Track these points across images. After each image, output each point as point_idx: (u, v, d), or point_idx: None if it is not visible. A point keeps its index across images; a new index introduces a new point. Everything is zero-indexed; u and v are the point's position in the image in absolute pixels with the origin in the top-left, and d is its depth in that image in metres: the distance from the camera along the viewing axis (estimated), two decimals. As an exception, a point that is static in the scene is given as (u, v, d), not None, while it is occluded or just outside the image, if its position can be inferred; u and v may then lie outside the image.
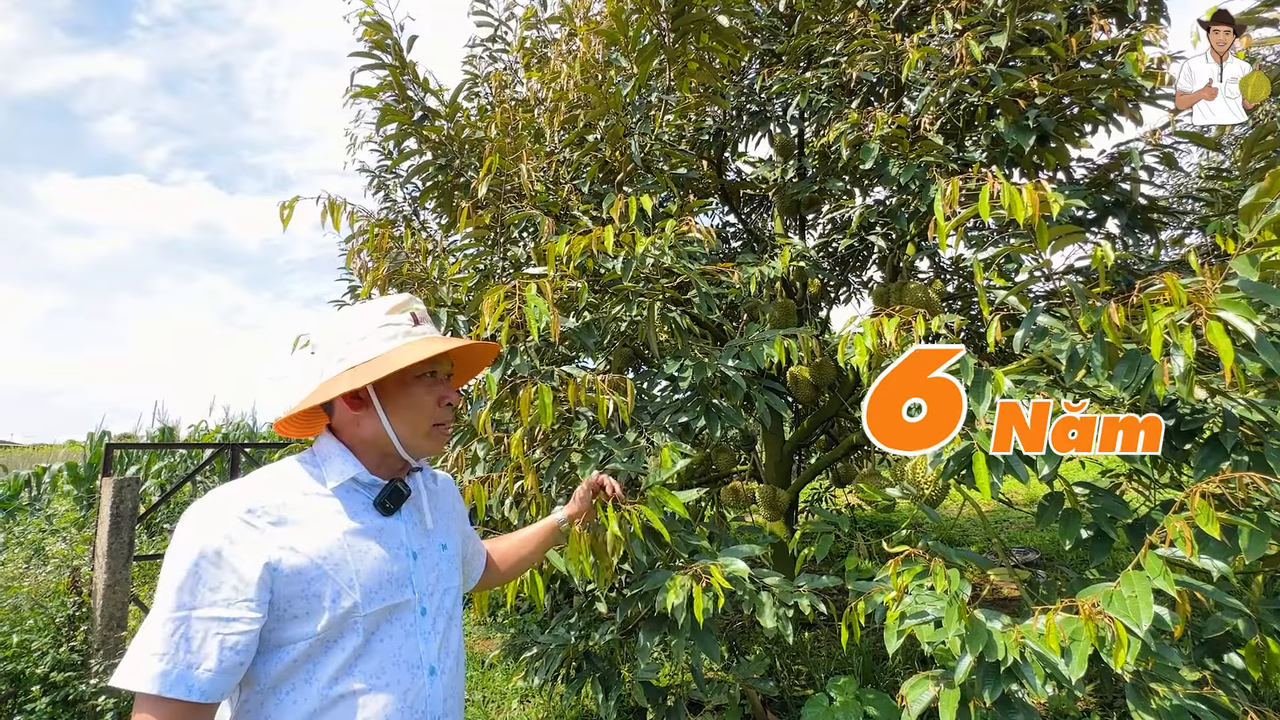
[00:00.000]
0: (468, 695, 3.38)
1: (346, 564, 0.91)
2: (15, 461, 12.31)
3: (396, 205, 3.85)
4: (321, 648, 0.89)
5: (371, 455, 1.02)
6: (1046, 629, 1.37)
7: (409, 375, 1.01)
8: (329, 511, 0.95)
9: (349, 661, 0.90)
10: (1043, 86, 1.99)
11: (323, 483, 0.97)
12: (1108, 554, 1.68)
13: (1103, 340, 1.46)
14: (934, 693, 1.53)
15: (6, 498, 7.40)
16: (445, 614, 1.05)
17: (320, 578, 0.88)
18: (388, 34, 2.24)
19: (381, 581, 0.94)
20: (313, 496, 0.95)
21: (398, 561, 0.98)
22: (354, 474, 0.99)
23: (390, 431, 1.00)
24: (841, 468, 4.88)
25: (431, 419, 1.03)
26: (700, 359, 2.01)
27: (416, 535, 1.05)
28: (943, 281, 3.98)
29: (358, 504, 0.99)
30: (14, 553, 4.54)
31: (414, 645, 0.97)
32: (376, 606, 0.93)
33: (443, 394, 1.05)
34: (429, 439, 1.04)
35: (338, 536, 0.93)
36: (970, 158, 2.18)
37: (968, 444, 1.61)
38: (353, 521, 0.96)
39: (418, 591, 1.00)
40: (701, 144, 3.31)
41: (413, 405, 1.01)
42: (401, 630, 0.97)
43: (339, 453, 1.00)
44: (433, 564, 1.05)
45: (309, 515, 0.93)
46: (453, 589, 1.09)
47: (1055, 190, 1.31)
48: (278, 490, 0.93)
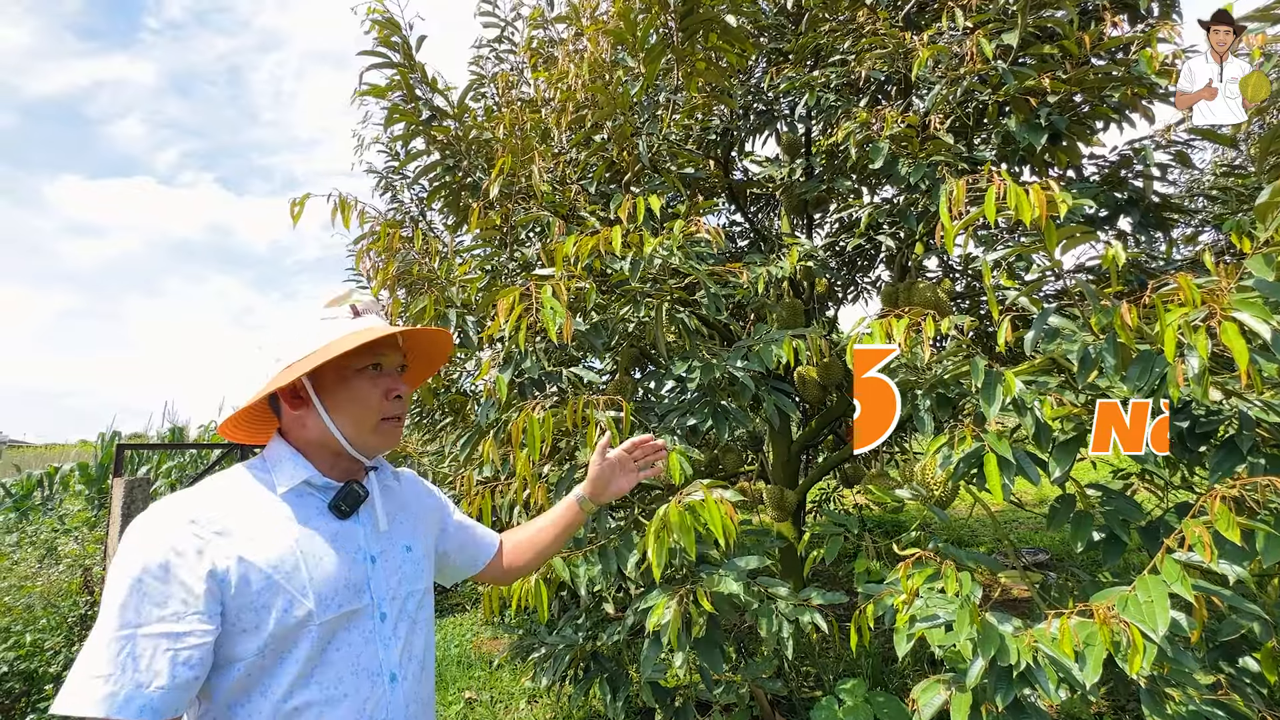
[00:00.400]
0: (475, 695, 3.38)
1: (299, 571, 0.88)
2: (28, 461, 12.43)
3: (404, 206, 3.86)
4: (275, 660, 0.86)
5: (323, 457, 0.98)
6: (1060, 633, 1.36)
7: (349, 369, 0.97)
8: (280, 518, 0.91)
9: (304, 672, 0.87)
10: (1054, 84, 1.97)
11: (273, 488, 0.94)
12: (1120, 557, 1.66)
13: (1115, 341, 1.45)
14: (945, 696, 1.52)
15: (20, 497, 7.47)
16: (408, 618, 1.01)
17: (270, 588, 0.85)
18: (396, 32, 2.25)
19: (338, 588, 0.91)
20: (263, 503, 0.92)
21: (355, 566, 0.95)
22: (305, 477, 0.95)
23: (334, 429, 0.96)
24: (849, 467, 4.86)
25: (378, 413, 0.98)
26: (708, 360, 2.00)
27: (375, 538, 1.00)
28: (951, 281, 3.96)
29: (311, 508, 0.95)
30: (27, 552, 4.59)
31: (373, 652, 0.94)
32: (332, 614, 0.90)
33: (389, 386, 0.99)
34: (377, 434, 0.99)
35: (289, 543, 0.89)
36: (980, 156, 2.16)
37: (978, 445, 1.60)
38: (306, 527, 0.92)
39: (376, 597, 0.96)
40: (708, 144, 3.30)
41: (355, 400, 0.97)
42: (360, 637, 0.93)
43: (289, 456, 0.97)
44: (394, 567, 1.01)
45: (259, 523, 0.89)
46: (417, 592, 1.04)
47: (1064, 190, 1.29)
48: (225, 498, 0.90)
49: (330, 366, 0.96)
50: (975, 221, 1.39)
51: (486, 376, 1.88)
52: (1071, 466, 1.56)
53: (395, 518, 1.06)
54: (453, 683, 3.53)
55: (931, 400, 1.79)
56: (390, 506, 1.07)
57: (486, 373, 1.88)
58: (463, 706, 3.27)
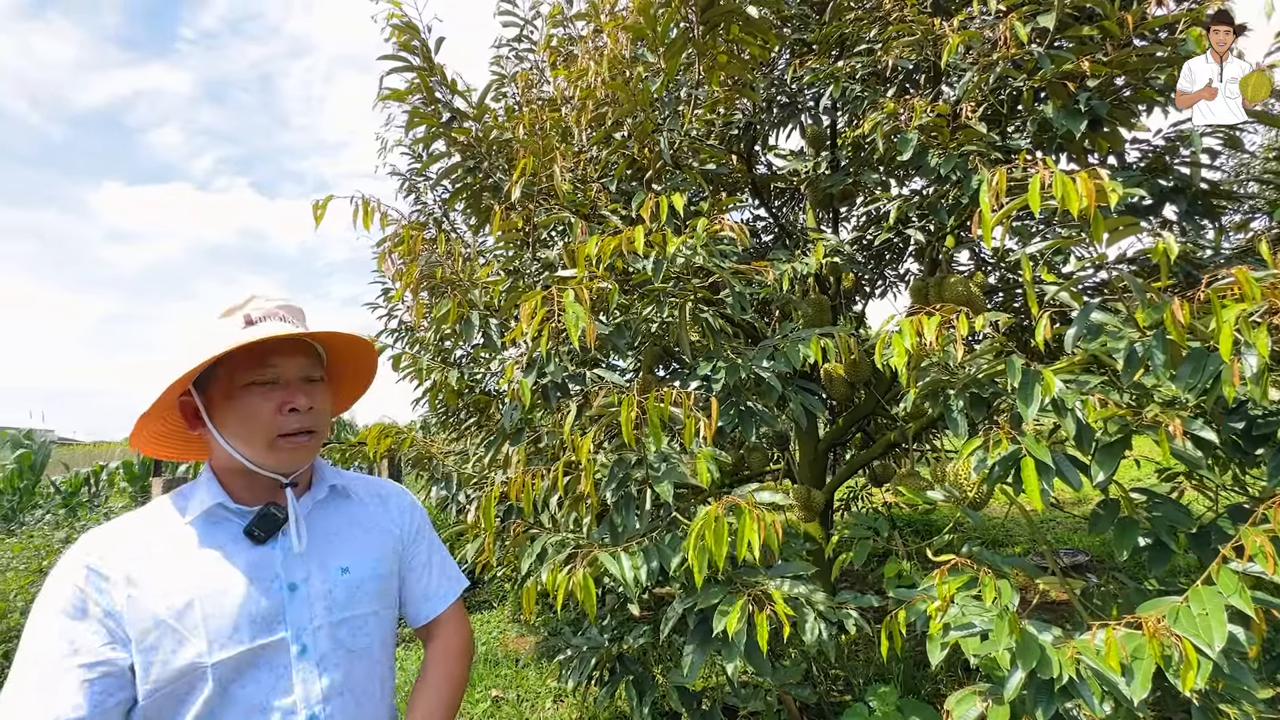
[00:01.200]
0: (502, 693, 3.40)
1: (191, 610, 0.84)
2: (77, 458, 12.94)
3: (427, 208, 3.89)
4: (171, 703, 0.83)
5: (236, 479, 0.94)
6: (1106, 646, 1.29)
7: (234, 386, 0.89)
8: (184, 550, 0.88)
9: (203, 715, 0.83)
10: (1094, 67, 1.88)
11: (188, 514, 0.90)
12: (1167, 564, 1.58)
13: (1164, 338, 1.37)
14: (981, 709, 1.47)
15: (68, 494, 7.77)
16: (340, 648, 0.94)
17: (157, 629, 0.82)
18: (415, 35, 2.25)
19: (239, 624, 0.86)
20: (168, 537, 0.89)
21: (268, 596, 0.89)
22: (217, 501, 0.91)
23: (229, 449, 0.90)
24: (878, 466, 4.76)
25: (273, 429, 0.90)
26: (733, 360, 1.97)
27: (295, 563, 0.93)
28: (984, 274, 3.84)
29: (224, 535, 0.90)
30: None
31: (286, 689, 0.88)
32: (231, 651, 0.85)
33: (284, 399, 0.91)
34: (274, 453, 0.90)
35: (185, 580, 0.85)
36: (1015, 145, 2.08)
37: (1015, 448, 1.53)
38: (211, 559, 0.88)
39: (294, 628, 0.90)
40: (730, 138, 3.25)
41: (245, 417, 0.89)
42: (271, 675, 0.87)
43: (205, 481, 0.93)
44: (322, 592, 0.94)
45: (161, 558, 0.86)
46: (355, 618, 0.96)
47: (1112, 178, 1.22)
48: (130, 536, 0.88)
49: (217, 382, 0.91)
50: (1014, 212, 1.32)
51: (511, 380, 1.87)
52: (1115, 470, 1.49)
53: (333, 535, 1.00)
54: (479, 681, 3.56)
55: (964, 400, 1.73)
56: (328, 523, 1.00)
57: (510, 376, 1.87)
58: (489, 705, 3.29)
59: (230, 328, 0.91)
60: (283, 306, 0.97)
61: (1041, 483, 1.47)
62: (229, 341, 0.87)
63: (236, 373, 0.89)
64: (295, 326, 0.94)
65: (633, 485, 1.78)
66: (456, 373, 2.70)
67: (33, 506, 7.28)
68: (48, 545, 4.66)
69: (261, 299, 0.95)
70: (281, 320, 0.94)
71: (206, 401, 0.91)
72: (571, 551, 1.77)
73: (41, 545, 4.66)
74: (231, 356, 0.89)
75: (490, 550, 2.11)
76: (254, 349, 0.89)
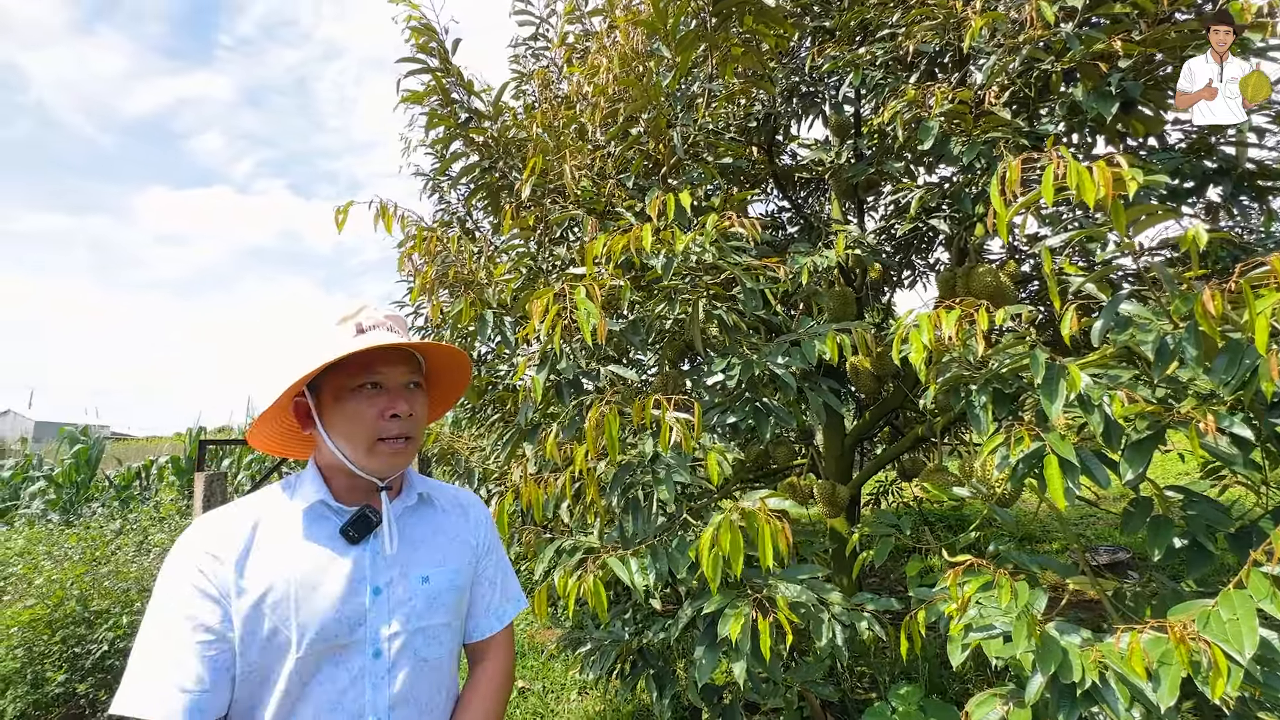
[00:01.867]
0: (529, 684, 3.46)
1: (287, 600, 0.88)
2: (130, 453, 13.57)
3: (451, 207, 3.94)
4: (260, 687, 0.87)
5: (339, 478, 0.98)
6: (1130, 651, 1.25)
7: (343, 389, 0.94)
8: (289, 542, 0.92)
9: (284, 704, 0.87)
10: (1127, 46, 1.79)
11: (291, 509, 0.95)
12: (1207, 566, 1.51)
13: (1197, 330, 1.31)
14: (1002, 712, 1.43)
15: (121, 487, 8.16)
16: (412, 656, 0.95)
17: (256, 614, 0.86)
18: (433, 37, 2.27)
19: (325, 621, 0.89)
20: (274, 527, 0.93)
21: (353, 597, 0.92)
22: (320, 497, 0.95)
23: (334, 449, 0.94)
24: (907, 460, 4.67)
25: (373, 434, 0.94)
26: (748, 357, 1.95)
27: (384, 567, 0.96)
28: (1016, 263, 3.72)
29: (323, 532, 0.95)
30: (127, 539, 5.00)
31: (359, 692, 0.90)
32: (315, 649, 0.88)
33: (385, 406, 0.95)
34: (372, 456, 0.94)
35: (287, 570, 0.89)
36: (1044, 131, 2.00)
37: (1039, 445, 1.48)
38: (309, 553, 0.92)
39: (372, 632, 0.92)
40: (750, 130, 3.20)
41: (349, 420, 0.94)
42: (346, 675, 0.90)
43: (310, 476, 0.98)
44: (402, 600, 0.96)
45: (268, 546, 0.91)
46: (430, 628, 0.98)
47: (1143, 161, 1.17)
48: (246, 519, 0.92)
49: (328, 385, 0.95)
50: (1031, 205, 1.27)
51: (523, 377, 1.89)
52: (1146, 468, 1.43)
53: (418, 543, 1.02)
54: (507, 671, 3.62)
55: (987, 396, 1.67)
56: (414, 531, 1.03)
57: (523, 374, 1.89)
58: (516, 696, 3.35)
59: (343, 335, 0.96)
60: (390, 317, 1.01)
61: (1066, 481, 1.42)
62: (343, 348, 0.92)
63: (346, 377, 0.94)
64: (400, 337, 0.99)
65: (638, 490, 1.78)
66: (482, 369, 2.74)
67: (89, 499, 7.66)
68: (101, 536, 4.90)
69: (370, 309, 1.00)
70: (389, 330, 0.99)
71: (318, 403, 0.96)
72: (582, 556, 1.79)
73: (96, 536, 4.90)
74: (342, 362, 0.94)
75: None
76: (362, 356, 0.94)
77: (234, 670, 0.85)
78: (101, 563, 4.13)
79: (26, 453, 10.49)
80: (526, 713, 3.17)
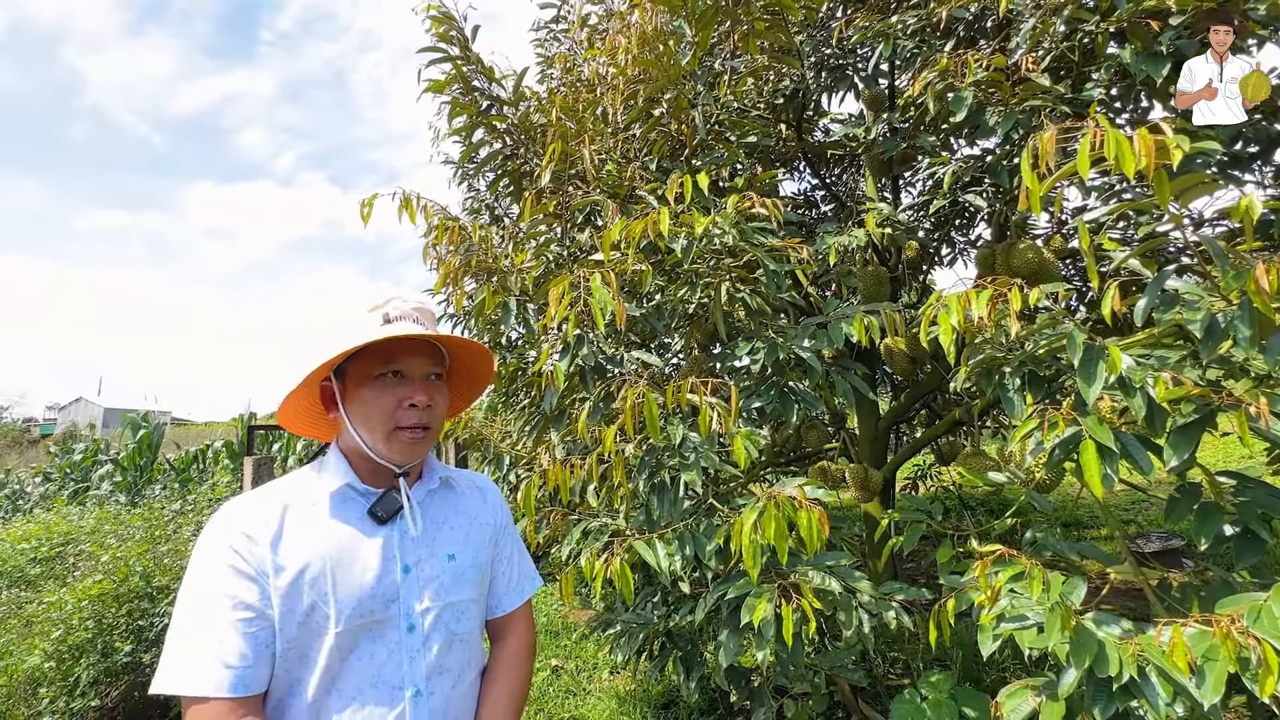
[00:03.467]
0: (562, 663, 3.54)
1: (324, 578, 0.90)
2: (190, 437, 14.28)
3: (480, 195, 3.96)
4: (299, 662, 0.89)
5: (362, 462, 1.00)
6: (1172, 645, 1.19)
7: (366, 376, 0.97)
8: (320, 522, 0.94)
9: (325, 679, 0.90)
10: (1180, 1, 1.67)
11: (321, 490, 0.98)
12: (1259, 555, 1.43)
13: (1250, 307, 1.22)
14: (1034, 704, 1.39)
15: (180, 470, 8.60)
16: (443, 630, 0.99)
17: (295, 592, 0.88)
18: (452, 25, 2.27)
19: (361, 597, 0.92)
20: (306, 507, 0.95)
21: (386, 575, 0.95)
22: (347, 481, 0.98)
23: (356, 435, 0.97)
24: (945, 444, 4.55)
25: (392, 421, 0.96)
26: (773, 340, 1.91)
27: (412, 546, 0.99)
28: (1063, 238, 3.54)
29: (352, 513, 0.97)
30: (187, 518, 5.29)
31: (397, 664, 0.93)
32: (352, 624, 0.91)
33: (404, 395, 0.97)
34: (390, 444, 0.97)
35: (320, 549, 0.92)
36: (1088, 97, 1.88)
37: (1075, 430, 1.41)
38: (341, 533, 0.94)
39: (405, 607, 0.96)
40: (778, 107, 3.12)
41: (369, 407, 0.96)
42: (384, 649, 0.93)
43: (335, 460, 1.00)
44: (431, 576, 1.00)
45: (300, 527, 0.93)
46: (459, 603, 1.02)
47: (1184, 129, 1.09)
48: (276, 501, 0.95)
49: (351, 372, 0.98)
50: (1067, 178, 1.20)
51: (545, 364, 1.90)
52: (1193, 454, 1.35)
53: (441, 523, 1.06)
54: (540, 651, 3.71)
55: (1021, 379, 1.61)
56: (437, 512, 1.06)
57: (545, 360, 1.90)
58: (549, 674, 3.42)
59: (371, 323, 0.97)
60: (417, 308, 1.03)
61: (1104, 467, 1.36)
62: (366, 336, 0.94)
63: (369, 365, 0.97)
64: (425, 328, 1.01)
65: (665, 473, 1.78)
66: (508, 356, 2.77)
67: (149, 482, 8.10)
68: (160, 516, 5.18)
69: (399, 300, 1.02)
70: (415, 322, 1.00)
71: (342, 389, 0.99)
72: (609, 539, 1.80)
73: (157, 516, 5.18)
74: (367, 349, 0.96)
75: (532, 536, 2.18)
76: (386, 345, 0.96)
77: (274, 647, 0.88)
78: (161, 541, 4.37)
79: (95, 438, 11.14)
80: (560, 690, 3.24)
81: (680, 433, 1.86)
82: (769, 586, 1.69)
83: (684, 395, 1.68)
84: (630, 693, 3.10)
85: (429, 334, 0.98)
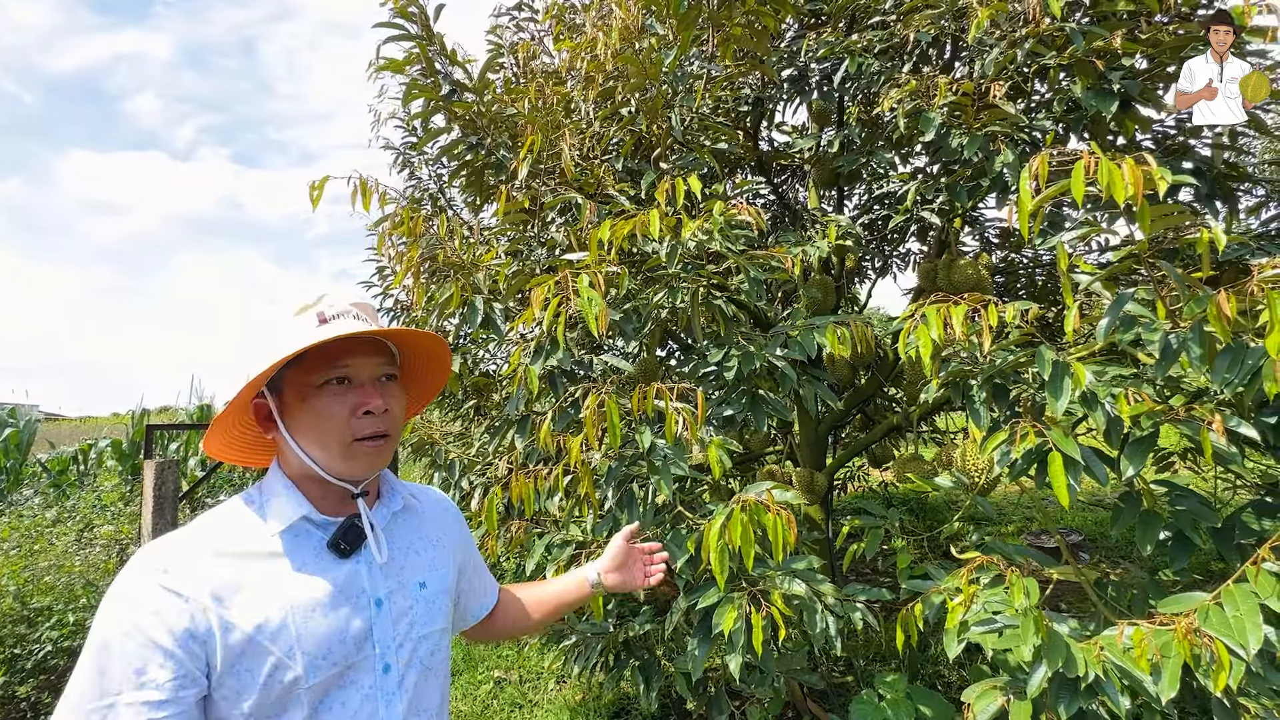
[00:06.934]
0: (504, 675, 3.41)
1: (286, 631, 0.79)
2: (63, 435, 12.77)
3: (422, 183, 3.76)
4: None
5: (312, 488, 0.88)
6: (1134, 644, 1.27)
7: (307, 387, 0.84)
8: (269, 567, 0.82)
9: None
10: (1127, 45, 1.81)
11: (266, 528, 0.84)
12: (1190, 557, 1.57)
13: (1202, 330, 1.33)
14: (1001, 703, 1.46)
15: (57, 474, 7.66)
16: (419, 666, 0.91)
17: (252, 651, 0.77)
18: (413, 2, 2.13)
19: (331, 645, 0.82)
20: (252, 549, 0.82)
21: (357, 614, 0.85)
22: (304, 513, 0.85)
23: (303, 455, 0.84)
24: (878, 447, 4.76)
25: (348, 433, 0.84)
26: (746, 348, 1.91)
27: (380, 578, 0.89)
28: (989, 255, 3.79)
29: (309, 550, 0.85)
30: (66, 528, 4.69)
31: (372, 709, 0.84)
32: (324, 675, 0.80)
33: (357, 402, 0.85)
34: (347, 458, 0.85)
35: (276, 598, 0.80)
36: (1041, 126, 2.01)
37: (1042, 441, 1.50)
38: (299, 574, 0.83)
39: (380, 647, 0.86)
40: (739, 114, 3.15)
41: (318, 420, 0.84)
42: (357, 695, 0.83)
43: (283, 488, 0.86)
44: (403, 609, 0.90)
45: (243, 575, 0.80)
46: (432, 635, 0.93)
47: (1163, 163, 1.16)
48: (208, 545, 0.81)
49: (290, 384, 0.85)
50: (1053, 198, 1.26)
51: (516, 367, 1.80)
52: (1144, 466, 1.46)
53: (408, 549, 0.96)
54: (481, 662, 3.56)
55: (987, 392, 1.69)
56: (403, 538, 0.96)
57: (516, 363, 1.81)
58: (492, 686, 3.29)
59: (304, 327, 0.85)
60: (355, 304, 0.91)
61: (1068, 478, 1.44)
62: (302, 341, 0.82)
63: (310, 373, 0.84)
64: (369, 324, 0.89)
65: (634, 483, 1.74)
66: (456, 356, 2.63)
67: (17, 485, 7.17)
68: (38, 526, 4.58)
69: (333, 296, 0.90)
70: (355, 319, 0.88)
71: (280, 405, 0.86)
72: (574, 551, 1.73)
73: (32, 526, 4.58)
74: (305, 357, 0.84)
75: (494, 548, 2.08)
76: (327, 348, 0.84)
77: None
78: (39, 555, 3.86)
79: (-54, 435, 9.73)
80: (505, 703, 3.12)
81: (648, 438, 1.83)
82: (739, 594, 1.68)
83: (650, 401, 1.64)
84: (580, 703, 3.03)
85: (376, 330, 0.86)
